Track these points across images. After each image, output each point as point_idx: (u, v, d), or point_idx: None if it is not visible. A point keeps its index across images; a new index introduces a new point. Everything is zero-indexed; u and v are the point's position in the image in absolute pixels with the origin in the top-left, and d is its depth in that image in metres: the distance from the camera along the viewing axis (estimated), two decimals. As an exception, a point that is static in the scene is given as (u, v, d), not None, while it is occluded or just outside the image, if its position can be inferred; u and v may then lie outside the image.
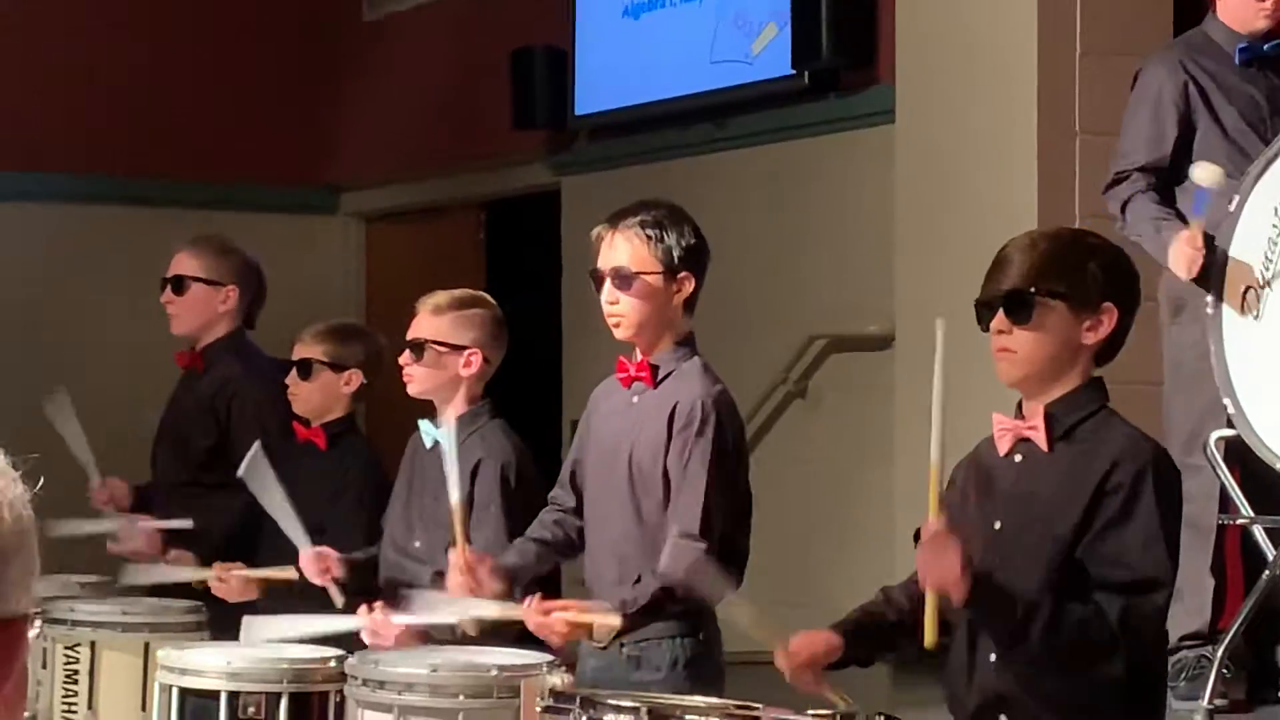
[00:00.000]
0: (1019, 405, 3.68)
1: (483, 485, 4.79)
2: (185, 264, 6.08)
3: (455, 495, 4.44)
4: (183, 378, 6.20)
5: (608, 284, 4.40)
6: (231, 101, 10.38)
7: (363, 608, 4.63)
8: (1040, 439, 3.60)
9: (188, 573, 5.43)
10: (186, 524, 5.61)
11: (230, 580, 5.26)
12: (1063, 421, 3.61)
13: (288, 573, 5.11)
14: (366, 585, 4.94)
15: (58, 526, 5.52)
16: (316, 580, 5.00)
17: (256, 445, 4.88)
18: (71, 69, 10.01)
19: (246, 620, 4.54)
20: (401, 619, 4.54)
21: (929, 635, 3.49)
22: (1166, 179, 5.44)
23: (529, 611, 4.25)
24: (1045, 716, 3.47)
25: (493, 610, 4.34)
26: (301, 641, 4.31)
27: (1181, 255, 5.17)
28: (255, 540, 5.52)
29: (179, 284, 6.06)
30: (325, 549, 5.02)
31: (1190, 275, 5.17)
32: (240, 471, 4.84)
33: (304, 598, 4.96)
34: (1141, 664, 3.53)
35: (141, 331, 6.45)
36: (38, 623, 1.92)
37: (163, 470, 6.08)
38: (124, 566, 5.57)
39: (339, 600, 4.92)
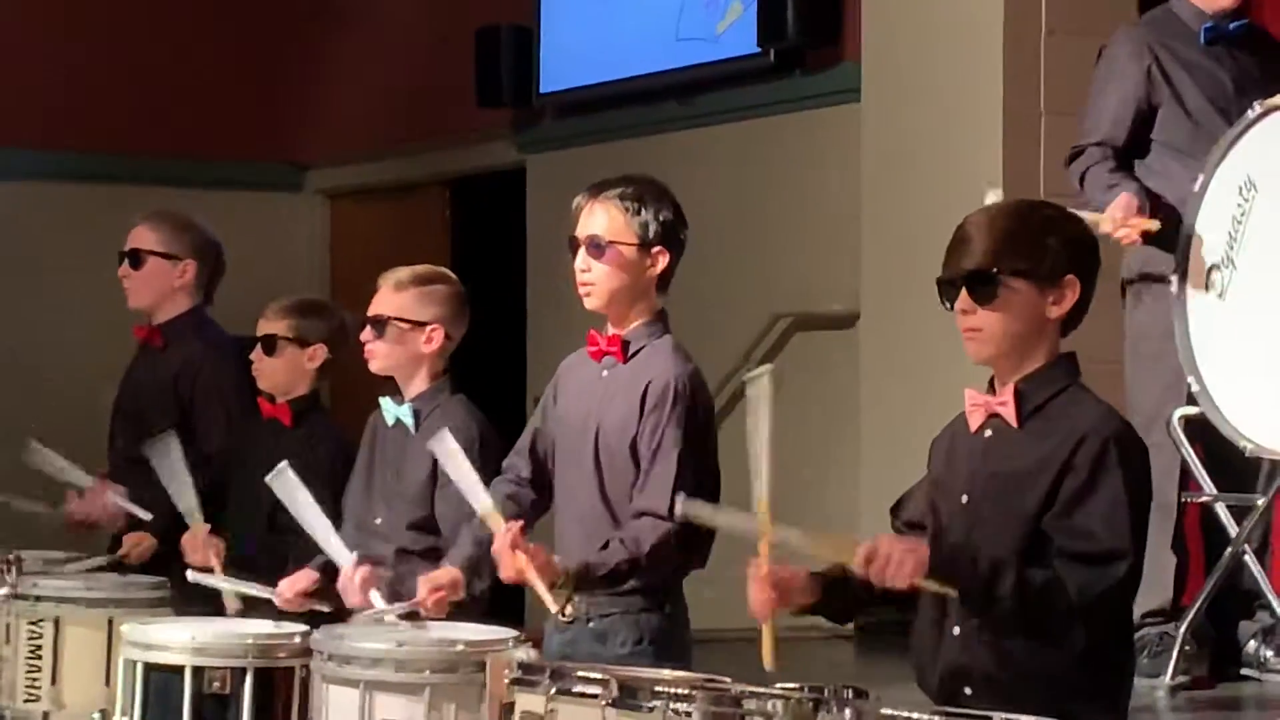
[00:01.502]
0: (991, 380, 3.68)
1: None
2: (142, 237, 6.05)
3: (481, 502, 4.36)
4: (139, 353, 6.15)
5: (581, 251, 4.41)
6: (196, 77, 10.34)
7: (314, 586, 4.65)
8: (1010, 415, 3.61)
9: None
10: (147, 516, 5.59)
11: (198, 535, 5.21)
12: (1033, 398, 3.61)
13: (266, 593, 4.97)
14: (332, 576, 4.86)
15: (38, 456, 5.50)
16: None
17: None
18: (30, 44, 9.96)
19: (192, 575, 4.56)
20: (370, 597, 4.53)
21: (768, 658, 3.52)
22: (1127, 154, 5.46)
23: (504, 534, 4.20)
24: (1008, 689, 3.48)
25: (484, 503, 4.28)
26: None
27: (1116, 214, 5.17)
28: (219, 515, 5.51)
29: (135, 257, 6.03)
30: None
31: (1122, 235, 5.17)
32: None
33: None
34: (1103, 638, 3.54)
35: (103, 309, 6.42)
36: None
37: (121, 447, 6.05)
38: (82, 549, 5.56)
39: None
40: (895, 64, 7.20)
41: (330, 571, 4.70)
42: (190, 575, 4.98)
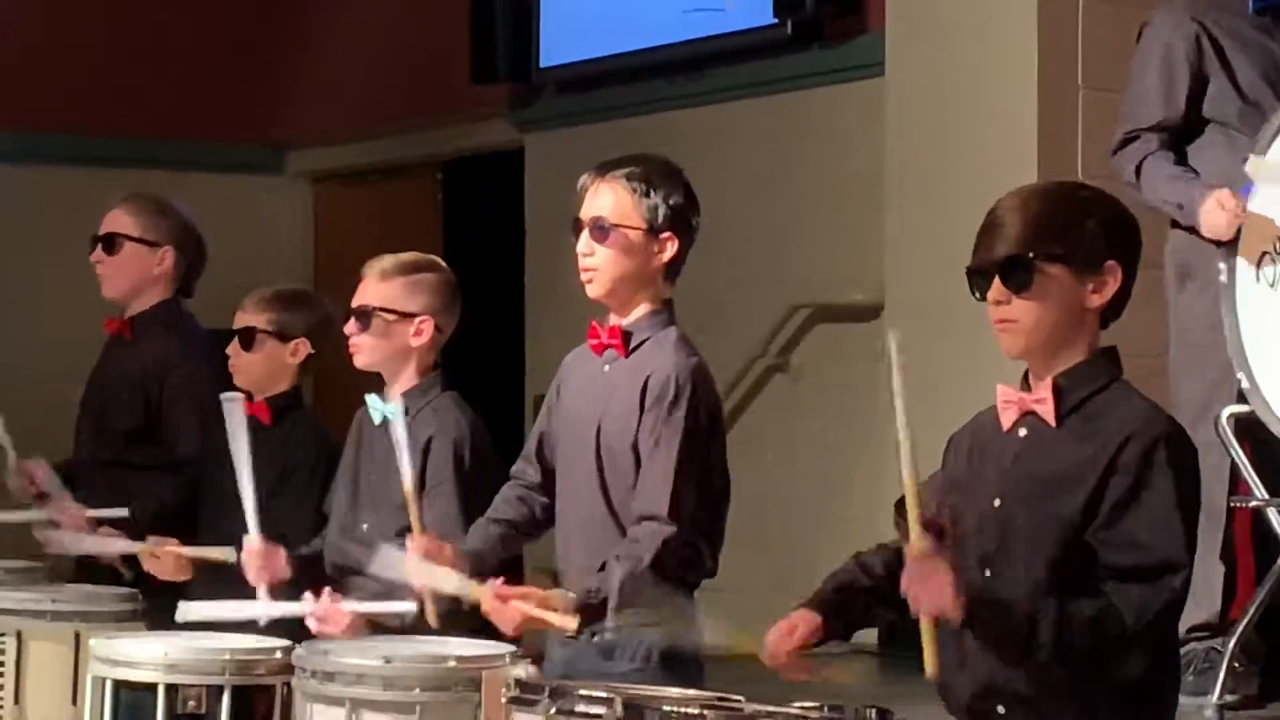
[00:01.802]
0: (1025, 376, 3.67)
1: (435, 464, 4.78)
2: (119, 221, 6.05)
3: (409, 479, 4.42)
4: (108, 346, 6.14)
5: (585, 234, 4.41)
6: (169, 52, 10.35)
7: (308, 594, 4.62)
8: (1048, 413, 3.60)
9: (119, 544, 5.38)
10: (120, 513, 5.58)
11: (164, 557, 5.23)
12: (1072, 395, 3.60)
13: (224, 553, 5.07)
14: (316, 579, 4.91)
15: None
16: (252, 578, 4.80)
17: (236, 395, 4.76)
18: (3, 23, 9.96)
19: (183, 606, 4.52)
20: (350, 606, 4.54)
21: (930, 665, 3.49)
22: (1179, 137, 5.45)
23: (488, 593, 4.24)
24: (1043, 708, 3.47)
25: (451, 584, 4.33)
26: (241, 628, 4.31)
27: (1217, 217, 5.18)
28: (193, 522, 5.51)
29: (110, 242, 6.03)
30: (275, 546, 4.85)
31: (1229, 235, 5.18)
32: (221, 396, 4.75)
33: (244, 581, 4.94)
34: (1160, 657, 3.53)
35: (77, 297, 6.42)
36: None
37: (87, 446, 6.05)
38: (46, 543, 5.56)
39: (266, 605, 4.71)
40: (921, 35, 7.20)
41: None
42: (191, 611, 4.89)
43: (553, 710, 3.33)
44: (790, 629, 3.70)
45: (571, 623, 4.15)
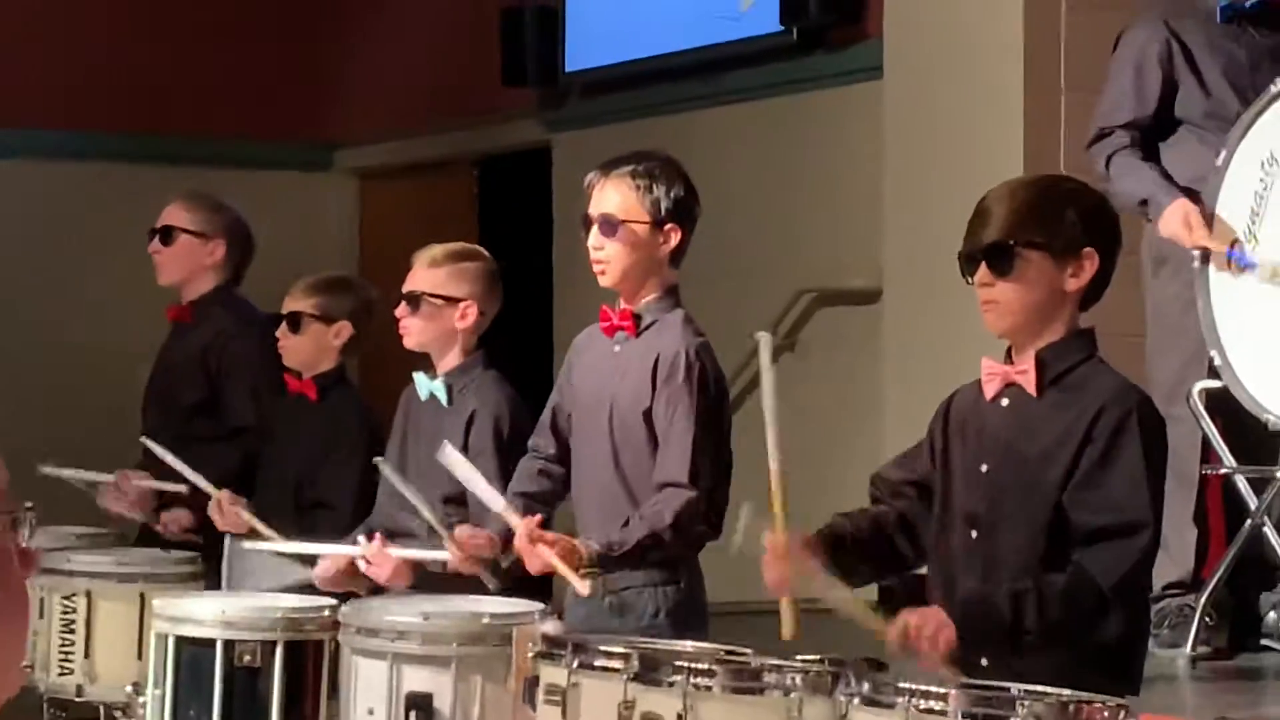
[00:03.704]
0: (1008, 351, 3.68)
1: (477, 435, 4.82)
2: (176, 215, 6.08)
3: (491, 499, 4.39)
4: (171, 332, 6.18)
5: (594, 230, 4.42)
6: (227, 57, 10.34)
7: (361, 537, 4.66)
8: (1030, 383, 3.61)
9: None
10: (180, 488, 5.59)
11: (228, 512, 5.25)
12: (1053, 367, 3.61)
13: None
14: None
15: (45, 466, 5.53)
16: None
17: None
18: (62, 22, 9.95)
19: (246, 544, 4.54)
20: (397, 552, 4.57)
21: (788, 629, 3.50)
22: (1150, 136, 5.44)
23: (523, 530, 4.24)
24: (1023, 659, 3.46)
25: (497, 504, 4.34)
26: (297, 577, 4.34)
27: (1178, 229, 5.17)
28: (249, 493, 5.53)
29: (167, 234, 6.05)
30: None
31: (1189, 244, 5.17)
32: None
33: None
34: (1130, 613, 3.53)
35: (136, 289, 6.43)
36: (26, 529, 1.84)
37: (152, 424, 6.06)
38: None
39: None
40: (917, 41, 7.18)
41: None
42: (245, 545, 4.99)
43: (575, 664, 3.34)
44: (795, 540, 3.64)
45: (584, 588, 4.16)
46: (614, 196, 4.42)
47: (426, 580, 4.58)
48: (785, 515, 3.59)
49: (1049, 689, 3.07)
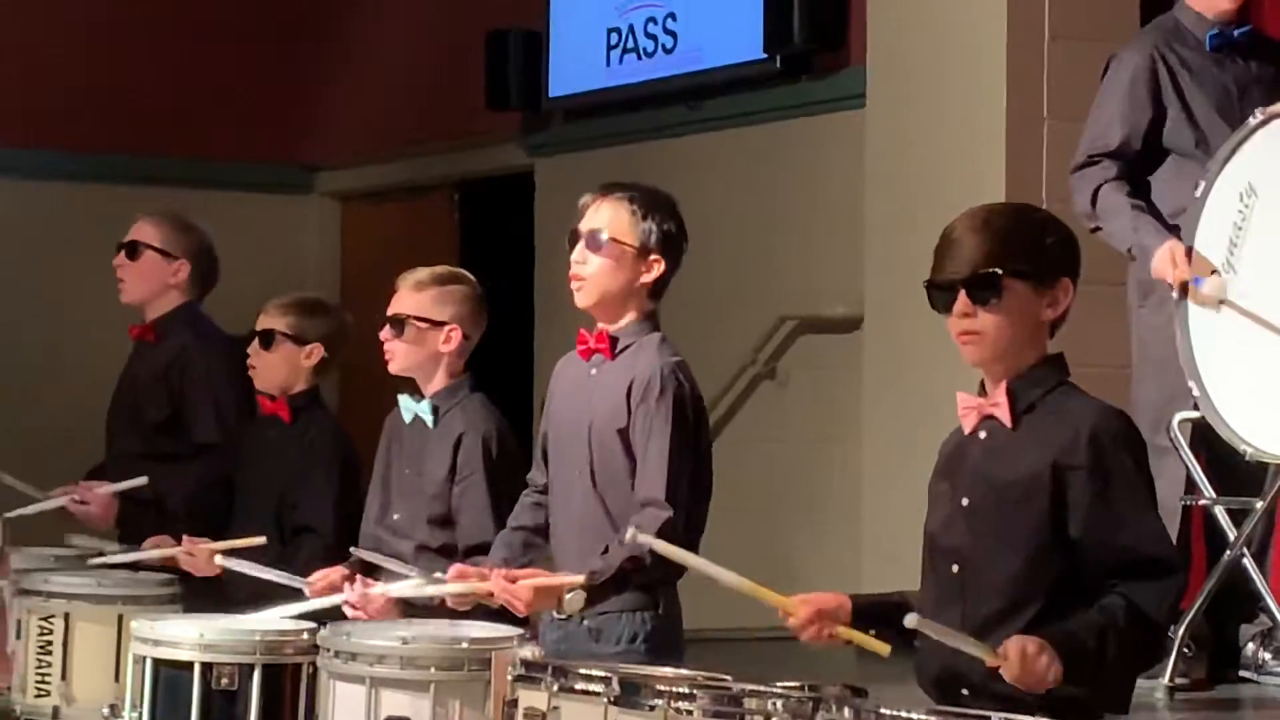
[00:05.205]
0: (981, 383, 3.68)
1: (465, 456, 4.86)
2: (143, 231, 6.09)
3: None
4: (135, 349, 6.18)
5: (580, 244, 4.44)
6: (206, 79, 10.33)
7: (346, 584, 4.67)
8: (1004, 415, 3.60)
9: (155, 552, 5.39)
10: (140, 482, 5.61)
11: (198, 554, 5.26)
12: (1025, 396, 3.60)
13: (253, 540, 5.09)
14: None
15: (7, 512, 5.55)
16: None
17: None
18: (41, 44, 9.94)
19: (236, 563, 4.57)
20: (381, 589, 4.57)
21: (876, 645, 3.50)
22: (1137, 165, 5.45)
23: (496, 580, 4.27)
24: (1004, 690, 3.45)
25: (459, 584, 4.36)
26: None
27: (1167, 270, 5.19)
28: (224, 515, 5.53)
29: (133, 249, 6.06)
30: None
31: (1173, 280, 5.19)
32: None
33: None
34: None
35: (111, 310, 6.43)
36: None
37: (117, 441, 6.08)
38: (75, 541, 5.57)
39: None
40: (900, 69, 7.21)
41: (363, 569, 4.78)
42: (219, 560, 5.01)
43: (555, 688, 3.35)
44: (817, 597, 3.62)
45: (580, 578, 4.19)
46: (607, 214, 4.46)
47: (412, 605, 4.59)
48: (778, 593, 3.56)
49: (1027, 718, 3.08)
